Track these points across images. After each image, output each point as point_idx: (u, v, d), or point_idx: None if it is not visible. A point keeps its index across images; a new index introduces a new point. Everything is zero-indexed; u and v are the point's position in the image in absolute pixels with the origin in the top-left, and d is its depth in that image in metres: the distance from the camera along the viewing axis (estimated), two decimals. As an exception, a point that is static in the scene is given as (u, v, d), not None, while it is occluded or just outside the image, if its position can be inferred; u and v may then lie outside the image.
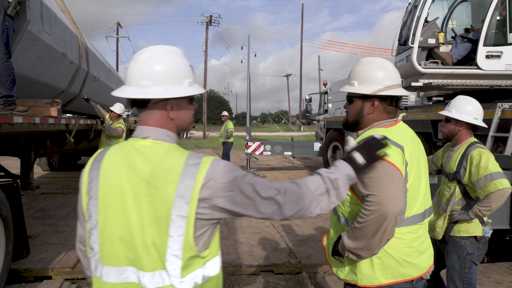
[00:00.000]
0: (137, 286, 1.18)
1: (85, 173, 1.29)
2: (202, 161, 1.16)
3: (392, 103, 1.68)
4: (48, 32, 4.60)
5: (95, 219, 1.22)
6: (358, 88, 1.66)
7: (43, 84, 5.03)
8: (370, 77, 1.63)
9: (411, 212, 1.63)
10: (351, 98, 1.71)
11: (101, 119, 7.09)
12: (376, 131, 1.60)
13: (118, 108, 7.22)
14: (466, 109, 2.72)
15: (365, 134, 1.65)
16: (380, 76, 1.63)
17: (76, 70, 5.99)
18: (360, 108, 1.68)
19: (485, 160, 2.56)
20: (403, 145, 1.59)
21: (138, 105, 1.24)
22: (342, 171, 1.32)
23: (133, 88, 1.21)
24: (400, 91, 1.67)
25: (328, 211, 1.31)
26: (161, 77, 1.20)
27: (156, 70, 1.20)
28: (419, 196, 1.67)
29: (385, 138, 1.42)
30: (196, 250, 1.15)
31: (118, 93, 1.24)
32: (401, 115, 1.89)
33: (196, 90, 1.27)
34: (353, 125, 1.74)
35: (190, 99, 1.29)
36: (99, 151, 1.34)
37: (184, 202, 1.12)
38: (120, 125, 7.15)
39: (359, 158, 1.36)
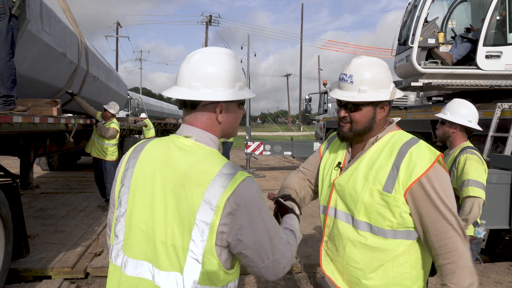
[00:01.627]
0: (150, 283, 1.16)
1: (124, 160, 1.31)
2: (237, 173, 1.14)
3: (391, 102, 1.61)
4: (47, 32, 4.60)
5: (124, 208, 1.23)
6: (373, 95, 1.50)
7: (42, 83, 5.02)
8: (381, 81, 1.51)
9: None
10: (358, 105, 1.52)
11: (95, 119, 6.70)
12: (404, 134, 1.53)
13: (112, 107, 6.71)
14: (461, 112, 2.74)
15: (396, 137, 1.52)
16: (388, 78, 1.54)
17: (76, 69, 5.98)
18: (373, 114, 1.53)
19: (468, 165, 2.58)
20: None
21: (188, 106, 1.22)
22: (297, 229, 1.38)
23: (184, 89, 1.20)
24: (400, 91, 1.61)
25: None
26: (212, 79, 1.19)
27: (208, 71, 1.19)
28: None
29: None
30: (219, 260, 1.12)
31: (168, 93, 1.22)
32: (396, 120, 1.79)
33: (247, 94, 1.26)
34: (361, 133, 1.56)
35: (240, 103, 1.27)
36: (142, 141, 1.34)
37: (210, 208, 1.09)
38: (113, 125, 6.70)
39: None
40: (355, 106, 1.52)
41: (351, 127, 1.55)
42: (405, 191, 1.40)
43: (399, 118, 1.66)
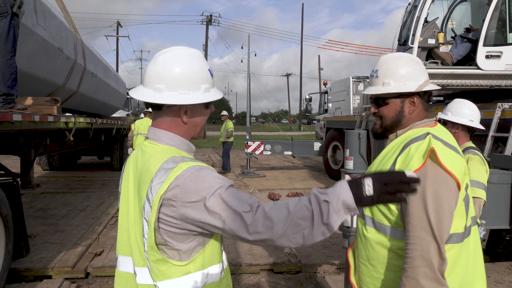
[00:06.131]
0: (133, 278, 1.23)
1: (123, 168, 1.41)
2: (176, 167, 1.13)
3: (427, 98, 1.51)
4: (43, 26, 4.54)
5: (118, 210, 1.33)
6: (397, 87, 1.46)
7: (40, 79, 4.97)
8: (407, 73, 1.46)
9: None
10: (385, 99, 1.49)
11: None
12: (423, 131, 1.40)
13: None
14: (463, 112, 2.75)
15: (410, 134, 1.44)
16: (417, 72, 1.47)
17: (73, 65, 5.92)
18: (401, 108, 1.48)
19: (470, 166, 2.60)
20: (456, 147, 1.38)
21: (153, 107, 1.25)
22: (338, 194, 1.04)
23: (148, 91, 1.21)
24: (434, 85, 1.52)
25: (314, 243, 1.05)
26: (176, 82, 1.18)
27: (172, 74, 1.18)
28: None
29: (418, 179, 1.08)
30: (163, 256, 1.14)
31: (133, 93, 1.25)
32: (438, 115, 1.74)
33: (212, 96, 1.24)
34: (389, 129, 1.51)
35: (206, 103, 1.28)
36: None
37: (149, 205, 1.13)
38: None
39: (368, 186, 1.04)
40: (383, 101, 1.50)
41: (382, 123, 1.53)
42: None
43: (440, 113, 1.62)
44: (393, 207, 1.35)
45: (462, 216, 1.32)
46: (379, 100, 1.51)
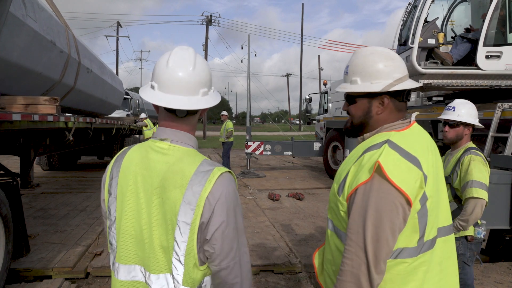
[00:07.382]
0: (144, 285, 1.20)
1: (108, 170, 1.32)
2: (214, 169, 1.17)
3: (402, 98, 1.38)
4: (33, 18, 4.46)
5: (114, 216, 1.26)
6: (363, 86, 1.35)
7: (36, 74, 4.90)
8: (376, 70, 1.34)
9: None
10: (353, 97, 1.40)
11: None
12: (387, 136, 1.31)
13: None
14: (474, 113, 2.78)
15: (373, 139, 1.35)
16: (388, 69, 1.34)
17: (67, 59, 5.85)
18: (367, 108, 1.38)
19: (472, 166, 2.60)
20: (419, 156, 1.26)
21: (190, 112, 1.24)
22: None
23: (197, 97, 1.23)
24: (411, 83, 1.37)
25: None
26: (210, 83, 1.28)
27: (209, 76, 1.28)
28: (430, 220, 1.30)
29: None
30: (197, 260, 1.15)
31: (195, 105, 1.21)
32: (414, 115, 1.60)
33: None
34: (358, 128, 1.43)
35: None
36: (123, 149, 1.36)
37: (190, 208, 1.12)
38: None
39: None
40: (352, 99, 1.41)
41: (349, 121, 1.47)
42: (347, 196, 1.27)
43: (416, 113, 1.51)
44: (344, 215, 1.30)
45: (415, 230, 1.24)
46: (349, 98, 1.43)
